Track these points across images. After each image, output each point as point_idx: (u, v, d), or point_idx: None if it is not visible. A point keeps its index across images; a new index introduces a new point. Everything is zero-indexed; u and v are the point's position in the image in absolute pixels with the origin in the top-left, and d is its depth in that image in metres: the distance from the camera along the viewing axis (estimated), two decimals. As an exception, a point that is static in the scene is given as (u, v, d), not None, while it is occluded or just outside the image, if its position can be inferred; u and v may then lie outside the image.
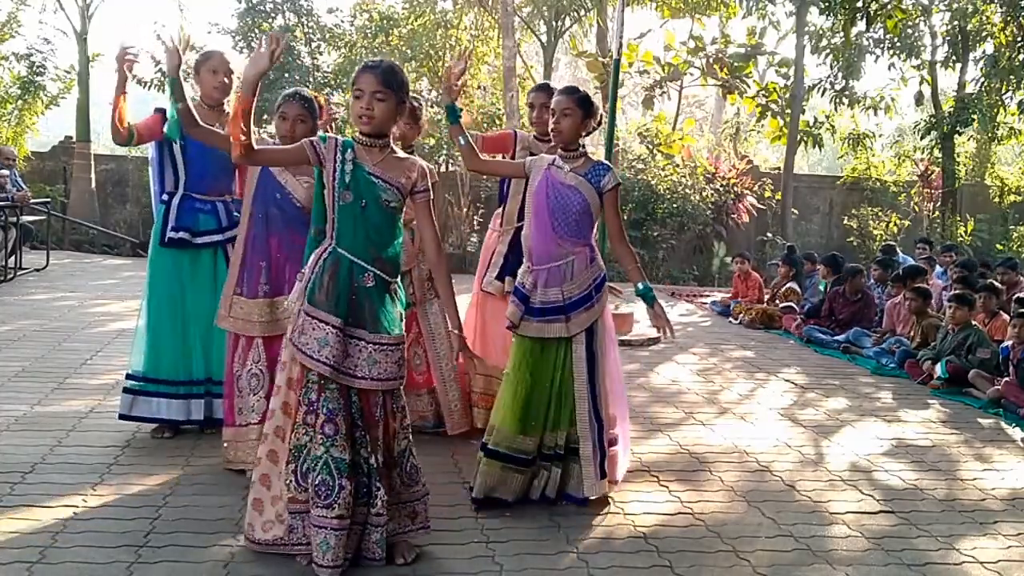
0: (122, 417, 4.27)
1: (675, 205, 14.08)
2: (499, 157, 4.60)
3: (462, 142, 3.76)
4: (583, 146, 3.72)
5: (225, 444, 3.94)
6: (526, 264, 3.74)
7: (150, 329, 4.30)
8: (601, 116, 3.86)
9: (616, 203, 3.72)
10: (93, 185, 14.17)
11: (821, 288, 9.77)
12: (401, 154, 3.11)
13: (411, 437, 3.14)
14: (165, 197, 4.31)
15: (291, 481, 2.97)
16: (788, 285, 10.03)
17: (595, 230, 3.81)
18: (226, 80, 4.28)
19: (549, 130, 3.74)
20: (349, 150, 2.99)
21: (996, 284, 7.80)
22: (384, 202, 2.98)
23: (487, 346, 4.58)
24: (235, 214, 4.34)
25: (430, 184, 3.11)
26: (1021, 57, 12.94)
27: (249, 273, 3.92)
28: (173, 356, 4.27)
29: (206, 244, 4.32)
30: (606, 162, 3.78)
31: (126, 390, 4.29)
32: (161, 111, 4.23)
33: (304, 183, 3.83)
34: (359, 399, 3.00)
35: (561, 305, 3.64)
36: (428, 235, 3.17)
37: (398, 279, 3.09)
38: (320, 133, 3.17)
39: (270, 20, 15.05)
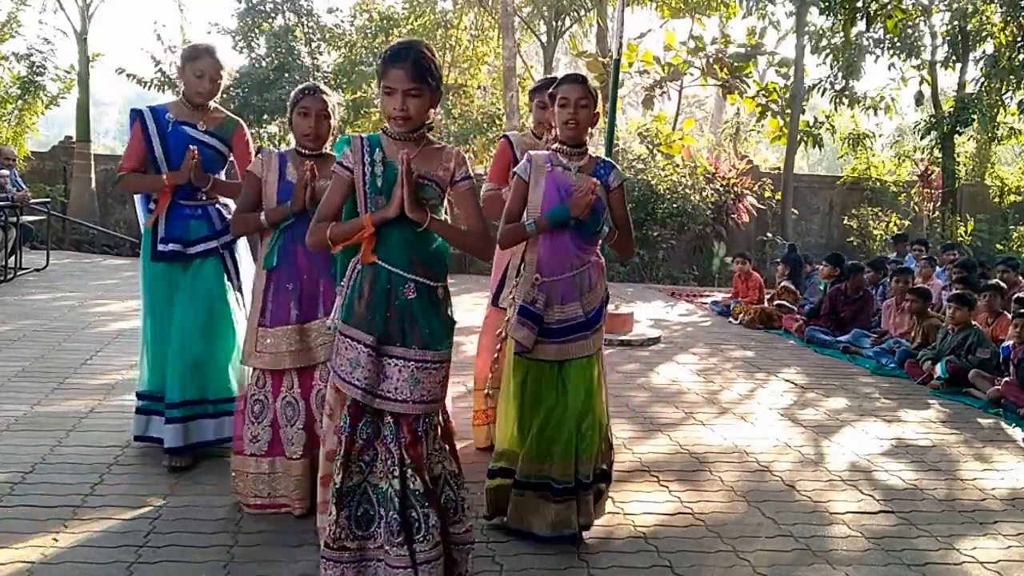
0: (137, 439, 4.10)
1: (675, 205, 14.08)
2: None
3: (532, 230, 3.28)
4: (587, 143, 3.37)
5: (233, 474, 3.54)
6: (532, 277, 3.27)
7: (153, 347, 4.03)
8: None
9: (624, 201, 3.41)
10: (93, 185, 14.17)
11: (821, 288, 9.76)
12: (437, 143, 2.77)
13: (422, 475, 2.67)
14: (152, 205, 4.01)
15: (343, 527, 2.64)
16: (783, 284, 10.03)
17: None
18: (210, 86, 3.98)
19: (563, 123, 3.27)
20: (377, 149, 2.67)
21: (1000, 284, 7.80)
22: (423, 201, 2.64)
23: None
24: (229, 217, 4.04)
25: (471, 171, 2.77)
26: (1021, 57, 12.95)
27: (276, 299, 3.45)
28: (176, 375, 3.90)
29: (200, 253, 3.99)
30: (606, 158, 3.46)
31: (139, 410, 4.08)
32: (138, 113, 3.99)
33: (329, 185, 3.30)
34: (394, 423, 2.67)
35: (584, 320, 3.28)
36: (475, 226, 2.77)
37: (446, 281, 2.75)
38: (344, 135, 2.77)
39: (270, 20, 15.05)
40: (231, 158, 4.19)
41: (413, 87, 2.59)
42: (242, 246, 4.19)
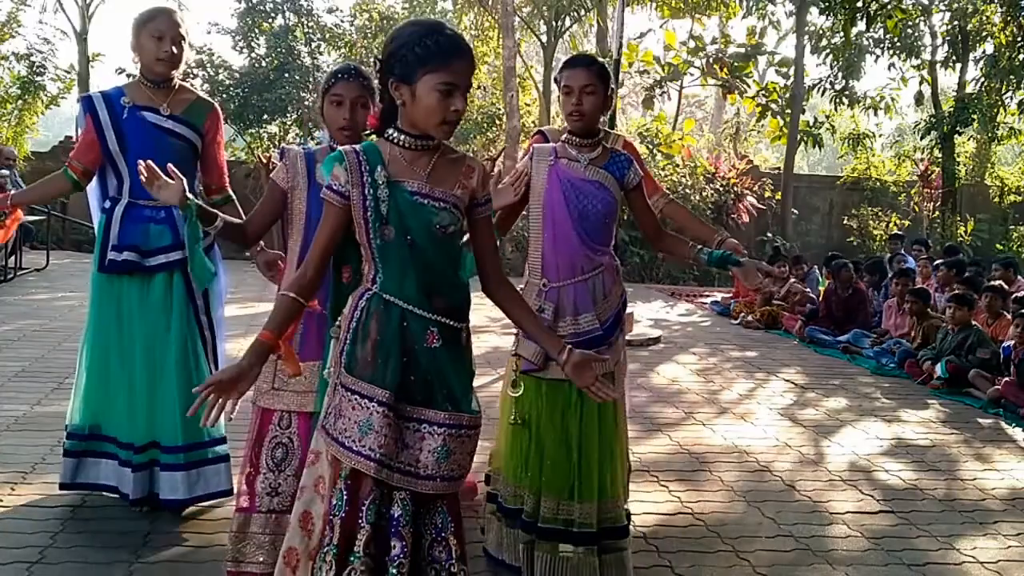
0: (63, 487, 3.36)
1: (675, 205, 14.08)
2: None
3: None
4: (601, 132, 3.00)
5: (234, 533, 2.84)
6: (539, 281, 2.91)
7: (93, 375, 3.37)
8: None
9: (646, 199, 3.03)
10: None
11: (819, 288, 9.74)
12: (453, 151, 2.18)
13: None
14: (107, 204, 3.33)
15: None
16: (800, 292, 9.81)
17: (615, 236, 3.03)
18: (174, 50, 3.22)
19: (567, 114, 2.91)
20: (379, 166, 2.07)
21: (1002, 285, 7.80)
22: (438, 230, 2.08)
23: None
24: None
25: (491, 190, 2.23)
26: (1021, 57, 12.94)
27: (306, 325, 2.69)
28: (119, 410, 3.30)
29: (160, 266, 3.26)
30: (622, 151, 3.07)
31: (68, 452, 3.35)
32: (87, 101, 3.30)
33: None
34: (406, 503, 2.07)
35: (600, 334, 2.87)
36: (488, 261, 2.23)
37: (468, 322, 2.19)
38: (334, 150, 2.18)
39: (270, 20, 15.06)
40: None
41: (472, 67, 2.08)
42: (217, 257, 3.45)
